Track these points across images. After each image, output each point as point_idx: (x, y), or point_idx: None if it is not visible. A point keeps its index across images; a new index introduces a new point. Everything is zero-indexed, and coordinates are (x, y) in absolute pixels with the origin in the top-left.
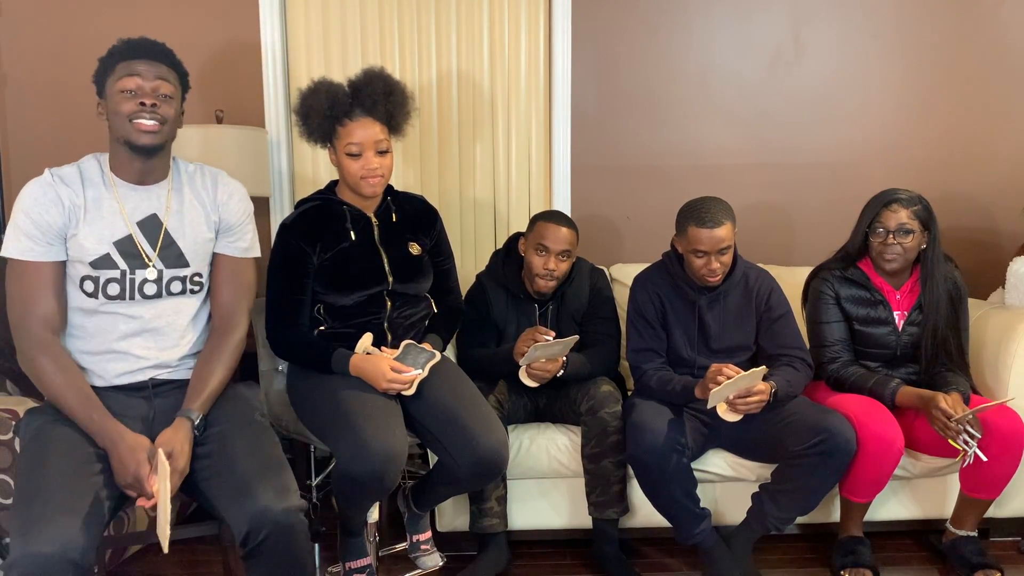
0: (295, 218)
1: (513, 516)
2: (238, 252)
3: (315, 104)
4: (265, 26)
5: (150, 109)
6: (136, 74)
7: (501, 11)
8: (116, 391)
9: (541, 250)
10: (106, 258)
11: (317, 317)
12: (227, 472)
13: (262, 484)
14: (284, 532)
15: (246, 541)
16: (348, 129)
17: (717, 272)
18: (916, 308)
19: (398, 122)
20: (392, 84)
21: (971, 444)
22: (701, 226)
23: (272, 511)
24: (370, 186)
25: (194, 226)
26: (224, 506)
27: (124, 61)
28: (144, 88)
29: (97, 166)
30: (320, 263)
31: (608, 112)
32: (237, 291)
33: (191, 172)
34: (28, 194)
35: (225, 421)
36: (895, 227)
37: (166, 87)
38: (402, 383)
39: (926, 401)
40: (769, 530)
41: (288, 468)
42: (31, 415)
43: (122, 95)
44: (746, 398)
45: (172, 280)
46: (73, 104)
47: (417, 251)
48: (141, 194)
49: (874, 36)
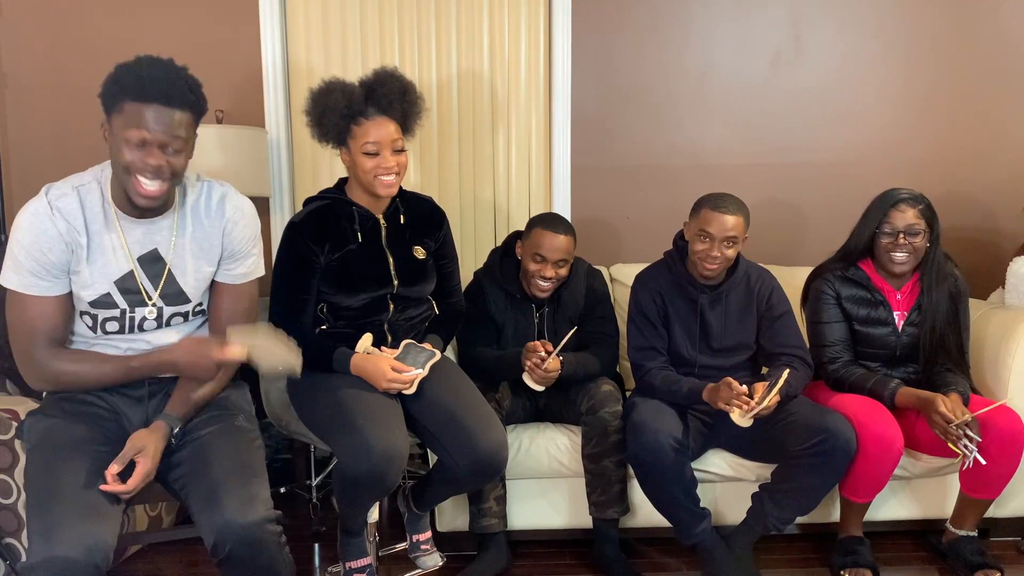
0: (304, 217)
1: (513, 516)
2: (236, 279)
3: (330, 104)
4: (265, 26)
5: (155, 170)
6: (144, 127)
7: (501, 11)
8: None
9: (538, 258)
10: (106, 297)
11: (319, 316)
12: (199, 481)
13: (228, 495)
14: (248, 545)
15: (214, 551)
16: (364, 128)
17: (716, 261)
18: (916, 308)
19: (411, 122)
20: (406, 84)
21: (971, 448)
22: (714, 209)
23: (235, 524)
24: (385, 186)
25: (196, 261)
26: (195, 514)
27: (132, 102)
28: (151, 145)
29: (99, 193)
30: (327, 264)
31: (608, 112)
32: (235, 317)
33: (196, 196)
34: (27, 227)
35: (205, 426)
36: (904, 227)
37: (178, 142)
38: (403, 382)
39: (925, 403)
40: (769, 530)
41: (260, 476)
42: (33, 418)
43: (126, 144)
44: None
45: (173, 316)
46: (73, 105)
47: (422, 255)
48: (144, 228)
49: (874, 36)
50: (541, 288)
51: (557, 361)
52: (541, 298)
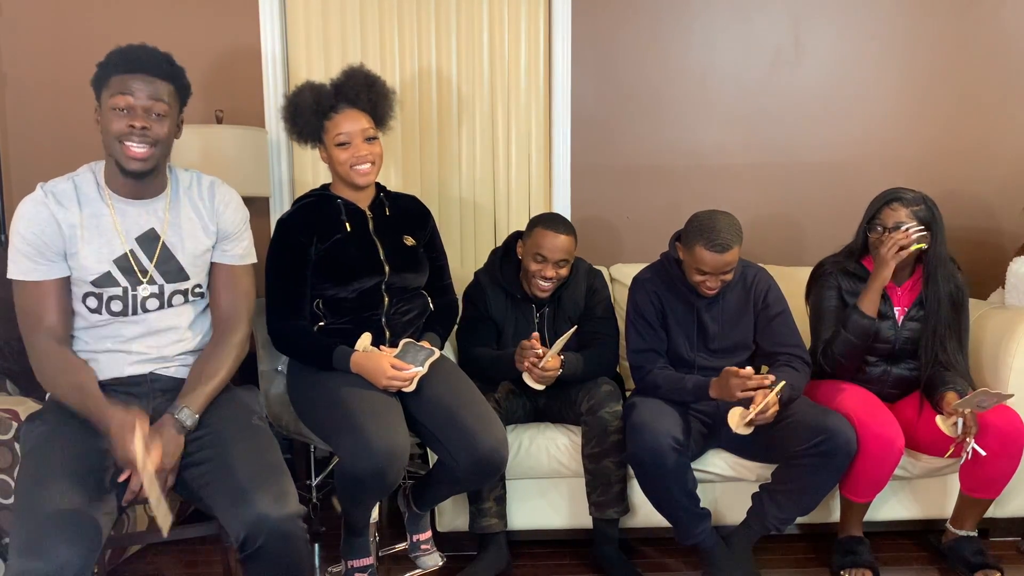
0: (291, 213)
1: (513, 516)
2: (234, 260)
3: (300, 103)
4: (265, 26)
5: (140, 132)
6: (129, 92)
7: (501, 11)
8: (116, 384)
9: (539, 258)
10: (107, 276)
11: (316, 312)
12: (225, 478)
13: (260, 490)
14: (282, 539)
15: (244, 546)
16: (335, 122)
17: (716, 289)
18: (916, 305)
19: (382, 113)
20: (372, 77)
21: (969, 441)
22: (709, 248)
23: (270, 518)
24: (361, 175)
25: (192, 238)
26: (222, 512)
27: (119, 75)
28: (136, 108)
29: (93, 179)
30: (317, 255)
31: (608, 112)
32: (235, 297)
33: (187, 181)
34: (22, 215)
35: (223, 426)
36: (892, 225)
37: (160, 106)
38: (402, 380)
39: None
40: (769, 530)
41: (287, 473)
42: (31, 422)
43: (114, 112)
44: (764, 414)
45: (174, 294)
46: (73, 105)
47: (411, 242)
48: (138, 209)
49: (874, 36)
50: (542, 288)
51: (557, 360)
52: (541, 298)
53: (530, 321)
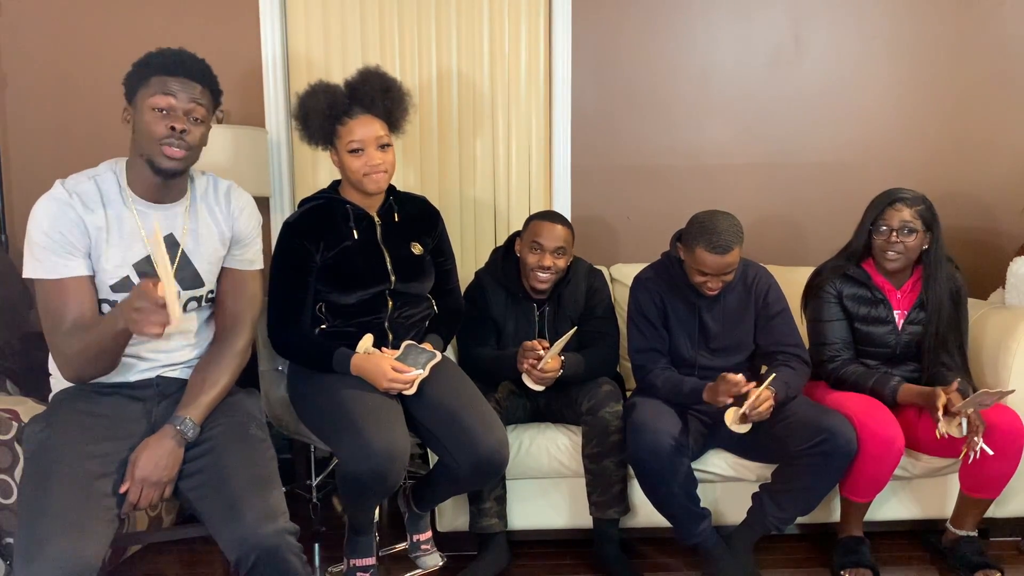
0: (298, 216)
1: (513, 516)
2: (243, 265)
3: (314, 106)
4: (265, 26)
5: (179, 136)
6: (171, 93)
7: (501, 11)
8: (122, 388)
9: (536, 248)
10: (126, 281)
11: (319, 315)
12: (217, 490)
13: (248, 507)
14: (272, 557)
15: (239, 565)
16: (348, 128)
17: (717, 289)
18: (916, 307)
19: (397, 118)
20: (389, 81)
21: (977, 440)
22: (710, 250)
23: (257, 535)
24: (374, 182)
25: (209, 245)
26: (215, 528)
27: (160, 76)
28: (176, 110)
29: (114, 179)
30: (323, 261)
31: (608, 112)
32: (241, 302)
33: (204, 186)
34: (45, 213)
35: (220, 435)
36: (898, 225)
37: (199, 110)
38: (403, 383)
39: (927, 397)
40: (769, 530)
41: (277, 487)
42: (34, 424)
43: (153, 113)
44: (757, 409)
45: (189, 301)
46: (74, 104)
47: (419, 251)
48: (160, 213)
49: (874, 36)
50: (540, 280)
51: (557, 361)
52: (541, 292)
53: (531, 320)
